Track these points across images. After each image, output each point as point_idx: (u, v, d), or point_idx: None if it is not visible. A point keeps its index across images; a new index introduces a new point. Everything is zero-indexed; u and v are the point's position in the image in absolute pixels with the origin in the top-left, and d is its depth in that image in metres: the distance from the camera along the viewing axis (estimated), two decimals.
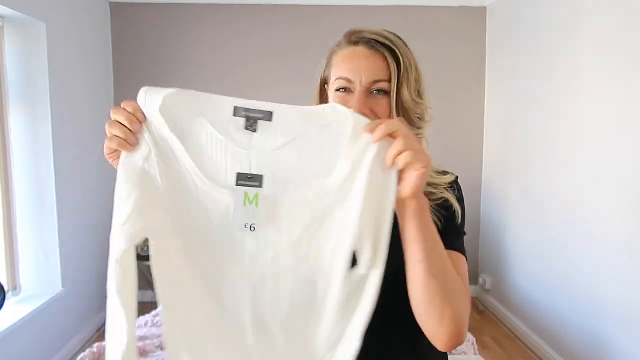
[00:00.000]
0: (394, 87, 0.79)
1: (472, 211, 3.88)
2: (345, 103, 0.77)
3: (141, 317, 2.06)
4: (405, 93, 0.79)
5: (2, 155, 2.56)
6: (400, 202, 0.66)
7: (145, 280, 3.43)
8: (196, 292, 0.66)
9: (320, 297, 0.66)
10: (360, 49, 0.81)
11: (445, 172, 0.87)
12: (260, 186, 0.63)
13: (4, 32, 2.58)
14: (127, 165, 0.63)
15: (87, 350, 1.65)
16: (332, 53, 0.87)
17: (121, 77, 3.65)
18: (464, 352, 1.78)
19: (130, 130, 0.63)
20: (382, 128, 0.63)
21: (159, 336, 1.85)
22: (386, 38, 0.81)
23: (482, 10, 3.73)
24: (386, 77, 0.80)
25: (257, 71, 3.68)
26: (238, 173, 0.63)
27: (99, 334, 3.24)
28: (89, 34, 3.28)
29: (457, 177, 0.88)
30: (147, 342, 1.80)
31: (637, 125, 2.09)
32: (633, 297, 2.12)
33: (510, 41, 3.36)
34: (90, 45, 3.31)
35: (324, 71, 0.90)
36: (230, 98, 0.65)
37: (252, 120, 0.64)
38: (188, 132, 0.63)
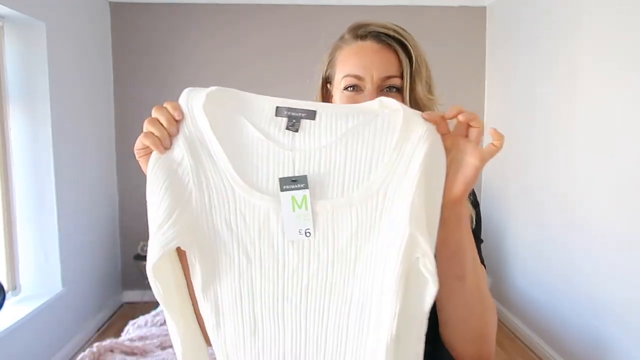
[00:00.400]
0: (406, 84, 0.73)
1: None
2: (353, 102, 0.73)
3: (141, 317, 2.06)
4: (419, 89, 0.74)
5: (2, 155, 2.56)
6: (447, 206, 0.60)
7: (145, 280, 3.41)
8: (229, 308, 0.61)
9: (373, 321, 0.60)
10: (369, 44, 0.75)
11: None
12: (306, 187, 0.58)
13: (4, 32, 2.58)
14: (159, 168, 0.60)
15: (87, 350, 1.65)
16: (335, 49, 0.81)
17: (121, 77, 3.65)
18: None
19: (167, 132, 0.60)
20: (443, 112, 0.59)
21: (158, 336, 1.85)
22: (396, 32, 0.76)
23: (482, 10, 3.73)
24: (398, 73, 0.74)
25: (257, 71, 3.68)
26: (280, 178, 0.59)
27: (99, 334, 3.24)
28: (89, 34, 3.28)
29: None
30: (147, 342, 1.80)
31: (637, 125, 2.09)
32: (633, 297, 2.12)
33: (510, 41, 3.36)
34: (90, 45, 3.31)
35: (327, 69, 0.83)
36: (272, 98, 0.62)
37: (294, 120, 0.60)
38: (228, 134, 0.60)
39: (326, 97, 0.85)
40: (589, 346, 2.45)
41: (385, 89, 0.75)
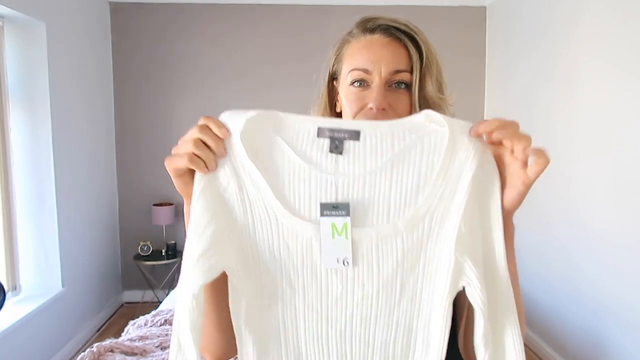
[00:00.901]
0: (416, 80, 0.69)
1: None
2: (362, 99, 0.70)
3: (141, 317, 2.06)
4: (429, 87, 0.70)
5: (2, 155, 2.56)
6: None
7: (145, 280, 3.44)
8: (273, 337, 0.60)
9: (419, 349, 0.59)
10: (378, 37, 0.72)
11: None
12: (348, 215, 0.56)
13: (4, 32, 2.58)
14: (207, 192, 0.58)
15: (87, 350, 1.65)
16: (343, 44, 0.77)
17: (121, 77, 3.65)
18: None
19: (213, 154, 0.58)
20: (490, 123, 0.56)
21: (158, 336, 1.85)
22: (406, 26, 0.73)
23: (482, 10, 3.73)
24: (408, 68, 0.70)
25: (258, 70, 3.68)
26: (322, 204, 0.57)
27: (99, 334, 3.24)
28: (89, 34, 3.28)
29: None
30: (147, 342, 1.80)
31: (637, 125, 2.09)
32: (634, 297, 2.12)
33: (510, 41, 3.36)
34: (90, 45, 3.31)
35: (333, 65, 0.79)
36: (313, 118, 0.60)
37: (337, 142, 0.57)
38: (269, 160, 0.58)
39: (332, 94, 0.81)
40: (589, 346, 2.45)
41: (394, 84, 0.71)
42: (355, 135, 0.57)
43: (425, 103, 0.71)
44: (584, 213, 2.48)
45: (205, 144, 0.57)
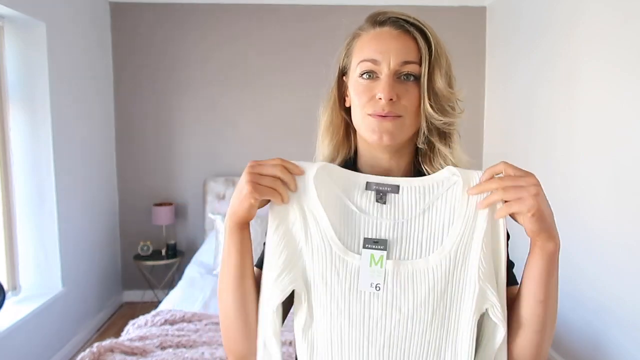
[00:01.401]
0: (424, 72, 0.71)
1: None
2: (370, 90, 0.72)
3: (141, 317, 2.06)
4: (438, 80, 0.71)
5: (2, 155, 2.56)
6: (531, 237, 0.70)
7: (145, 280, 3.45)
8: (322, 350, 0.70)
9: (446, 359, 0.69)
10: (388, 29, 0.73)
11: None
12: (385, 249, 0.69)
13: (4, 32, 2.58)
14: (280, 228, 0.71)
15: (87, 350, 1.65)
16: (353, 38, 0.78)
17: (121, 77, 3.65)
18: None
19: (288, 188, 0.69)
20: (485, 191, 0.68)
21: (158, 336, 1.85)
22: (416, 19, 0.74)
23: (482, 10, 3.73)
24: (417, 59, 0.71)
25: (257, 71, 3.68)
26: (365, 238, 0.70)
27: (99, 334, 3.25)
28: (89, 34, 3.28)
29: None
30: (147, 342, 1.80)
31: (636, 125, 2.09)
32: (635, 298, 2.12)
33: (510, 41, 3.36)
34: (90, 45, 3.31)
35: (343, 59, 0.80)
36: (363, 175, 0.73)
37: (382, 194, 0.71)
38: (330, 203, 0.71)
39: (341, 89, 0.82)
40: (589, 347, 2.45)
41: (403, 76, 0.72)
42: (396, 189, 0.71)
43: (434, 96, 0.72)
44: (584, 213, 2.48)
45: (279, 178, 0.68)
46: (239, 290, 0.71)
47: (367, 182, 0.72)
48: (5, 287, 2.55)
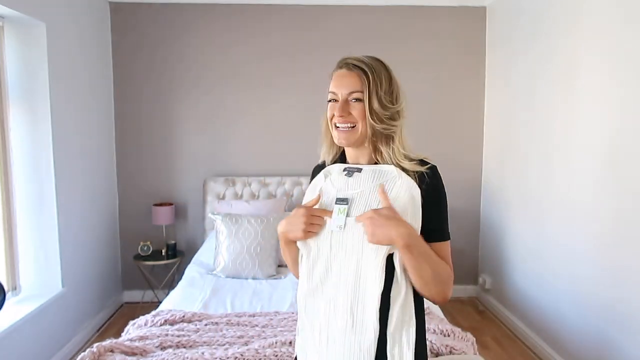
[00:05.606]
0: (365, 97, 1.06)
1: (472, 211, 3.88)
2: (332, 109, 1.10)
3: (141, 317, 2.05)
4: (374, 101, 1.06)
5: (2, 155, 2.56)
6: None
7: (145, 280, 3.46)
8: (305, 270, 1.12)
9: (367, 281, 1.03)
10: (343, 71, 1.10)
11: (423, 162, 1.09)
12: (347, 204, 1.07)
13: (4, 32, 2.58)
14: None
15: (87, 350, 1.65)
16: (331, 75, 1.16)
17: (121, 77, 3.65)
18: (464, 352, 1.77)
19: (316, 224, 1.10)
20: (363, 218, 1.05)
21: (158, 336, 1.84)
22: (362, 62, 1.07)
23: (482, 10, 3.73)
24: (360, 89, 1.07)
25: (257, 70, 3.68)
26: (337, 198, 1.09)
27: (99, 334, 3.25)
28: (89, 34, 3.28)
29: (433, 167, 1.09)
30: (147, 342, 1.80)
31: (637, 124, 2.09)
32: (635, 298, 2.12)
33: (510, 41, 3.36)
34: (90, 45, 3.31)
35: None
36: (345, 164, 1.15)
37: (350, 172, 1.11)
38: (327, 187, 1.14)
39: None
40: (589, 346, 2.45)
41: (352, 100, 1.08)
42: (359, 170, 1.10)
43: (373, 111, 1.06)
44: (584, 213, 2.48)
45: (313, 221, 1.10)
46: (295, 262, 1.17)
47: (344, 168, 1.13)
48: (6, 287, 2.55)
